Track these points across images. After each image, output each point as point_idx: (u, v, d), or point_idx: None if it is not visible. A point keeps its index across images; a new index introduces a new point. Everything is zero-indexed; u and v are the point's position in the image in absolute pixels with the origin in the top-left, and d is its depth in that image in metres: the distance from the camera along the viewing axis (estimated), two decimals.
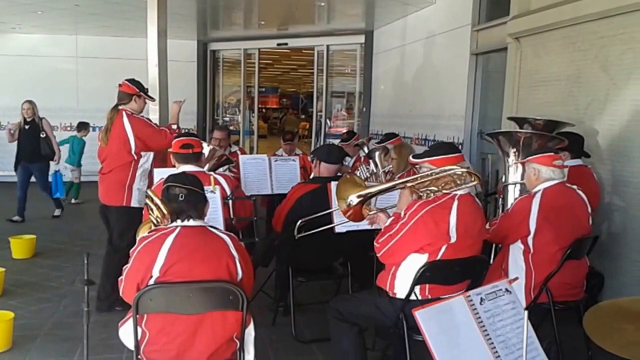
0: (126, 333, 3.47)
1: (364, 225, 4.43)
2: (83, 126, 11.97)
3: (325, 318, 4.18)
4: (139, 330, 3.34)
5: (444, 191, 3.85)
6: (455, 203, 3.81)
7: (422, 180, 3.91)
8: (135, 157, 5.72)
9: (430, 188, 3.90)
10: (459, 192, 3.85)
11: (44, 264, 7.49)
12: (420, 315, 2.34)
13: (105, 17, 11.74)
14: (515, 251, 4.44)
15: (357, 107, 13.91)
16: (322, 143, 13.79)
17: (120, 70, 8.13)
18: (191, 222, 3.42)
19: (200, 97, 15.54)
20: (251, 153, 13.85)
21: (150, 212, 3.76)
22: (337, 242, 5.15)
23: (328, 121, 14.61)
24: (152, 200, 3.70)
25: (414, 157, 4.16)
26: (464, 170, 3.81)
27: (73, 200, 11.92)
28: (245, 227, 5.20)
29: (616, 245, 5.59)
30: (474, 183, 3.84)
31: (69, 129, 14.39)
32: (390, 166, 6.57)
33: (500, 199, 5.42)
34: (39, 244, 8.06)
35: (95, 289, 5.56)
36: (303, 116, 18.15)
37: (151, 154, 5.86)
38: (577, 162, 5.38)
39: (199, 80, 15.50)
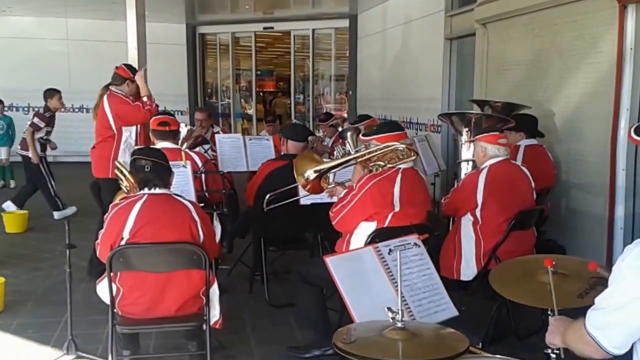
0: (102, 289, 3.92)
1: (325, 197, 4.85)
2: None
3: None
4: (114, 286, 3.77)
5: (389, 165, 4.27)
6: (399, 176, 4.27)
7: (370, 155, 4.34)
8: (116, 132, 6.13)
9: (377, 163, 4.33)
10: (403, 166, 4.30)
11: (37, 238, 7.91)
12: (331, 262, 2.78)
13: (93, 0, 12.04)
14: (466, 222, 4.82)
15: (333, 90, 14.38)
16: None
17: (110, 52, 8.48)
18: (157, 190, 3.84)
19: (190, 79, 15.92)
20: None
21: (121, 181, 4.18)
22: (306, 214, 5.49)
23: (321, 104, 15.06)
24: (121, 172, 4.11)
25: (363, 135, 4.60)
26: (405, 146, 4.23)
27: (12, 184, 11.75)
28: (219, 199, 5.58)
29: (574, 219, 5.98)
30: (413, 158, 4.29)
31: (62, 110, 14.69)
32: (363, 146, 6.95)
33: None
34: (33, 219, 8.47)
35: (78, 255, 5.91)
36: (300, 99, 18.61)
37: (133, 129, 6.24)
38: (532, 141, 5.78)
39: (188, 63, 15.87)
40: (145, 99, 6.30)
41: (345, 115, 13.48)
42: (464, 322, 3.95)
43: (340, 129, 8.38)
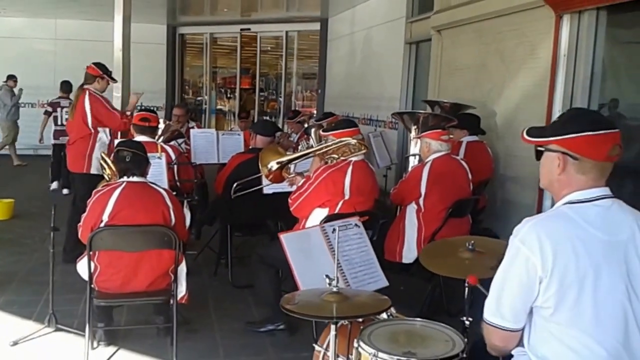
0: (82, 267, 4.40)
1: (286, 187, 5.36)
2: None
3: None
4: (92, 264, 4.25)
5: (342, 158, 4.82)
6: (350, 167, 4.81)
7: (327, 149, 4.88)
8: (92, 131, 6.58)
9: (332, 156, 4.88)
10: (354, 159, 4.83)
11: (21, 225, 8.31)
12: (284, 238, 3.30)
13: (81, 3, 12.45)
14: (411, 210, 5.34)
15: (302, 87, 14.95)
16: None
17: (95, 52, 8.80)
18: (135, 179, 4.36)
19: (169, 77, 16.39)
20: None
21: (104, 170, 4.70)
22: (268, 203, 5.94)
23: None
24: (105, 161, 4.64)
25: (323, 131, 5.15)
26: (356, 141, 4.77)
27: None
28: (190, 188, 6.07)
29: (508, 209, 6.54)
30: (364, 151, 4.82)
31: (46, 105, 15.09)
32: (323, 141, 7.48)
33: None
34: (18, 207, 8.90)
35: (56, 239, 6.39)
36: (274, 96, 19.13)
37: (107, 129, 6.71)
38: (474, 138, 6.35)
39: (168, 61, 16.33)
40: (128, 113, 6.77)
41: (315, 112, 14.07)
42: (403, 300, 4.50)
43: (306, 125, 8.91)
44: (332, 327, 2.79)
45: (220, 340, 4.95)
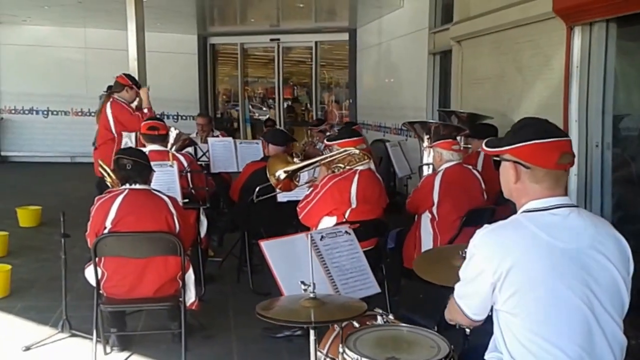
0: (89, 272, 4.47)
1: (300, 194, 5.39)
2: None
3: None
4: (99, 270, 4.33)
5: (348, 167, 4.86)
6: (356, 176, 4.87)
7: (332, 158, 4.93)
8: (116, 136, 6.76)
9: (338, 165, 4.93)
10: (360, 168, 4.87)
11: (48, 232, 8.40)
12: (265, 245, 3.32)
13: (108, 12, 12.66)
14: (425, 219, 5.34)
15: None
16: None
17: (125, 61, 8.99)
18: (137, 186, 4.42)
19: (201, 87, 16.53)
20: None
21: (105, 178, 4.79)
22: (286, 209, 5.91)
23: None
24: (104, 169, 4.73)
25: (327, 140, 5.20)
26: (360, 151, 4.82)
27: None
28: (204, 196, 6.10)
29: None
30: (367, 161, 4.86)
31: (79, 114, 15.42)
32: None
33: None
34: (46, 215, 9.02)
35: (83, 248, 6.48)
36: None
37: (133, 136, 6.87)
38: None
39: (200, 71, 16.48)
40: (145, 110, 6.94)
41: (337, 121, 14.20)
42: (423, 309, 4.49)
43: (328, 134, 8.96)
44: (312, 332, 2.82)
45: (236, 346, 4.98)
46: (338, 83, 16.17)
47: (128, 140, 6.86)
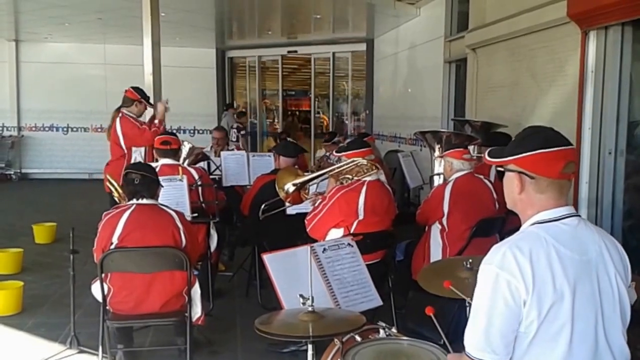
0: (96, 288, 4.42)
1: (310, 207, 5.31)
2: None
3: None
4: (105, 286, 4.28)
5: (355, 178, 4.78)
6: (364, 188, 4.77)
7: (339, 169, 4.85)
8: (126, 151, 6.72)
9: (346, 176, 4.84)
10: (368, 179, 4.78)
11: (62, 248, 8.33)
12: (267, 258, 3.26)
13: (127, 28, 12.75)
14: (435, 231, 5.24)
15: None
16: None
17: (144, 76, 9.02)
18: (144, 201, 4.37)
19: (219, 100, 16.58)
20: None
21: (113, 193, 4.75)
22: (295, 223, 5.72)
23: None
24: (111, 184, 4.68)
25: (336, 151, 5.11)
26: (367, 161, 4.73)
27: None
28: (215, 210, 6.06)
29: None
30: (375, 172, 4.77)
31: (99, 130, 15.49)
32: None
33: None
34: (61, 231, 8.99)
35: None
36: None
37: (143, 150, 6.82)
38: None
39: (218, 85, 16.54)
40: (156, 121, 6.92)
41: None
42: (430, 322, 4.38)
43: (340, 145, 8.91)
44: (310, 346, 2.77)
45: None
46: (357, 94, 16.07)
47: (138, 155, 6.81)
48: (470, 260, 3.29)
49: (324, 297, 3.25)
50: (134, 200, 4.38)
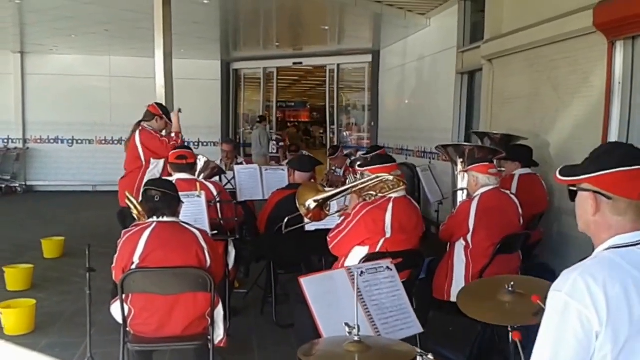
0: (116, 310, 4.25)
1: (329, 223, 5.19)
2: None
3: None
4: (126, 307, 4.12)
5: (380, 194, 4.63)
6: (391, 204, 4.62)
7: (363, 185, 4.69)
8: (144, 163, 6.61)
9: (370, 192, 4.69)
10: (394, 195, 4.63)
11: (70, 263, 8.34)
12: (304, 281, 3.10)
13: (133, 40, 12.71)
14: (459, 247, 5.13)
15: (367, 120, 14.84)
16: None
17: (149, 88, 8.89)
18: (165, 219, 4.20)
19: (223, 112, 16.55)
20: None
21: (132, 210, 4.60)
22: (312, 239, 5.70)
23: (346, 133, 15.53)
24: (131, 201, 4.54)
25: (358, 166, 4.97)
26: (394, 177, 4.58)
27: None
28: (233, 226, 5.92)
29: (565, 244, 6.24)
30: (402, 188, 4.62)
31: (103, 142, 15.44)
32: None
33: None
34: (68, 245, 8.97)
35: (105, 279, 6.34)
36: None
37: (160, 163, 6.70)
38: (527, 170, 6.12)
39: (222, 97, 16.51)
40: (173, 134, 6.82)
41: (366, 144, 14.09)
42: (451, 342, 4.26)
43: (353, 158, 8.80)
44: None
45: None
46: (355, 106, 15.98)
47: (155, 169, 6.69)
48: (513, 283, 3.17)
49: (362, 323, 3.08)
50: (154, 218, 4.21)
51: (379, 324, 3.20)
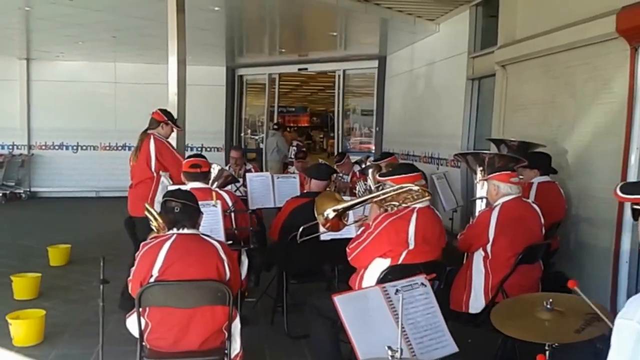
0: (132, 323, 4.14)
1: (344, 233, 5.07)
2: None
3: None
4: (143, 321, 4.01)
5: (404, 205, 4.50)
6: (414, 215, 4.46)
7: (385, 195, 4.56)
8: (155, 174, 6.47)
9: (392, 203, 4.55)
10: (418, 206, 4.50)
11: (76, 270, 8.28)
12: (338, 300, 2.98)
13: (139, 47, 12.67)
14: (477, 257, 5.00)
15: (374, 125, 14.75)
16: None
17: (154, 95, 8.79)
18: (185, 231, 4.08)
19: (228, 118, 16.50)
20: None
21: (151, 221, 4.48)
22: (326, 248, 5.63)
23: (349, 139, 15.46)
24: (150, 213, 4.42)
25: (380, 175, 4.85)
26: (419, 187, 4.45)
27: None
28: (247, 236, 5.80)
29: (582, 252, 6.17)
30: (427, 198, 4.49)
31: (107, 148, 15.38)
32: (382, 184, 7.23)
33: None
34: (74, 252, 8.89)
35: (113, 288, 6.25)
36: (331, 134, 19.12)
37: (169, 174, 6.58)
38: (545, 178, 6.01)
39: (227, 103, 16.48)
40: None
41: (373, 149, 14.03)
42: (471, 355, 4.14)
43: (363, 165, 8.68)
44: None
45: None
46: (358, 110, 15.91)
47: (165, 179, 6.56)
48: (551, 300, 3.07)
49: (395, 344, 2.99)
50: (174, 230, 4.10)
51: (415, 344, 3.11)
